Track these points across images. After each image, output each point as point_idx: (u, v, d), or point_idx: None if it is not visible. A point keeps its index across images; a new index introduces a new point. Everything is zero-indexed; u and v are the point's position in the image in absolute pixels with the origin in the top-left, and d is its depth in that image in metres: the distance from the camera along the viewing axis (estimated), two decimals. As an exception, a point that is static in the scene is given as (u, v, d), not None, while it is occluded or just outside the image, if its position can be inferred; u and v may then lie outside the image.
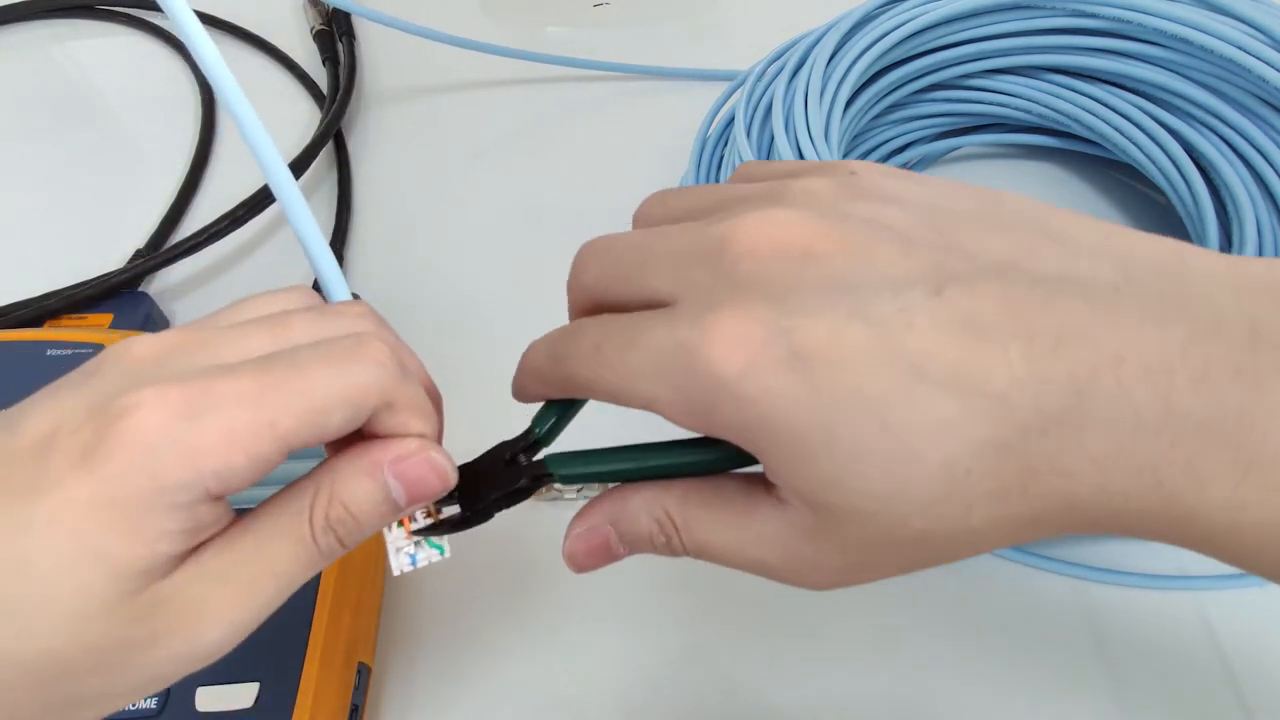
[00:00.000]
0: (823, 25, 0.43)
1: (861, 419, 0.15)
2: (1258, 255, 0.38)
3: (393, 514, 0.18)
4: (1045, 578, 0.36)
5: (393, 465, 0.18)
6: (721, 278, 0.16)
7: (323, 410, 0.16)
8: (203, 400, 0.15)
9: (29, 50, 0.61)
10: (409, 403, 0.18)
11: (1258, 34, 0.38)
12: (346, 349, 0.17)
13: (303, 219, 0.21)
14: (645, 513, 0.19)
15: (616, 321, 0.18)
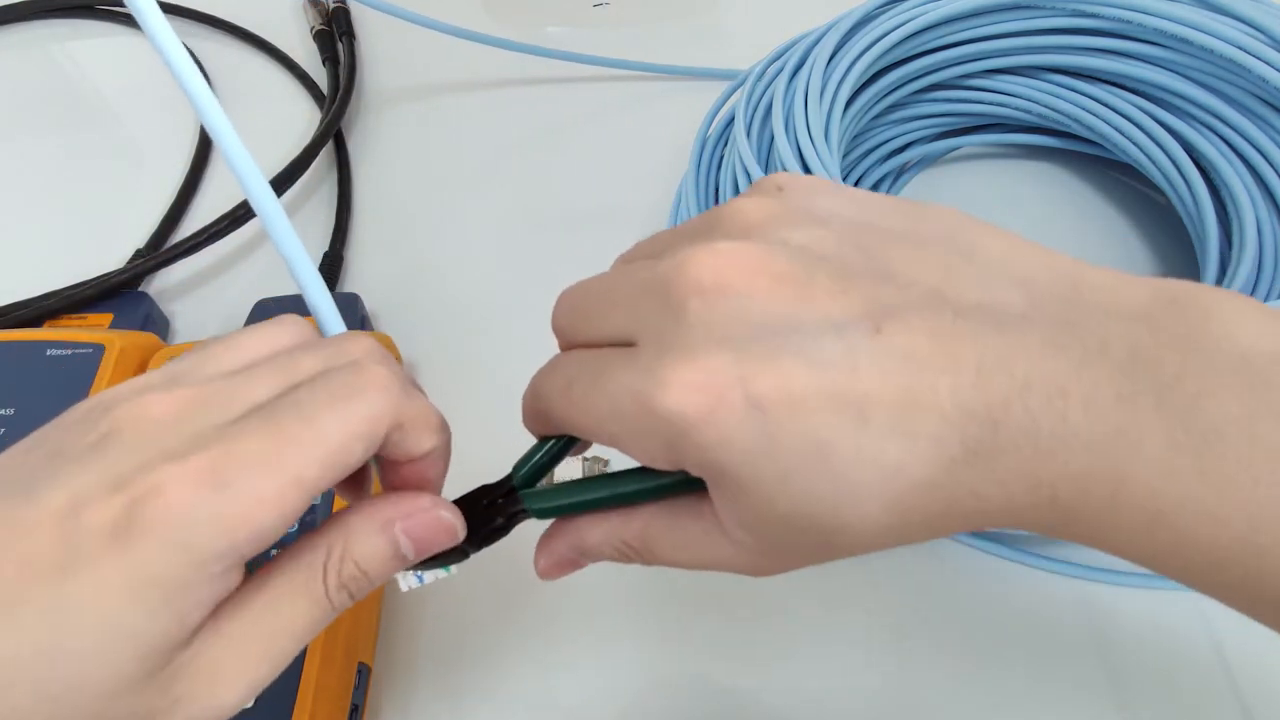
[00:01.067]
0: (823, 25, 0.43)
1: (814, 466, 0.16)
2: (1257, 255, 0.38)
3: (400, 567, 0.19)
4: (1045, 578, 0.36)
5: (404, 523, 0.18)
6: (671, 318, 0.17)
7: (342, 452, 0.16)
8: (227, 468, 0.15)
9: (29, 50, 0.61)
10: (417, 418, 0.18)
11: (1258, 34, 0.38)
12: (348, 383, 0.17)
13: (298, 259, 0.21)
14: (607, 544, 0.21)
15: (586, 361, 0.19)
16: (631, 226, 0.49)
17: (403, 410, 0.17)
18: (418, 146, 0.54)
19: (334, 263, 0.46)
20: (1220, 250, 0.41)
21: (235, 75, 0.59)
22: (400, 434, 0.18)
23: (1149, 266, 0.46)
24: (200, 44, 0.60)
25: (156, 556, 0.15)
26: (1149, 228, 0.48)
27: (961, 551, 0.37)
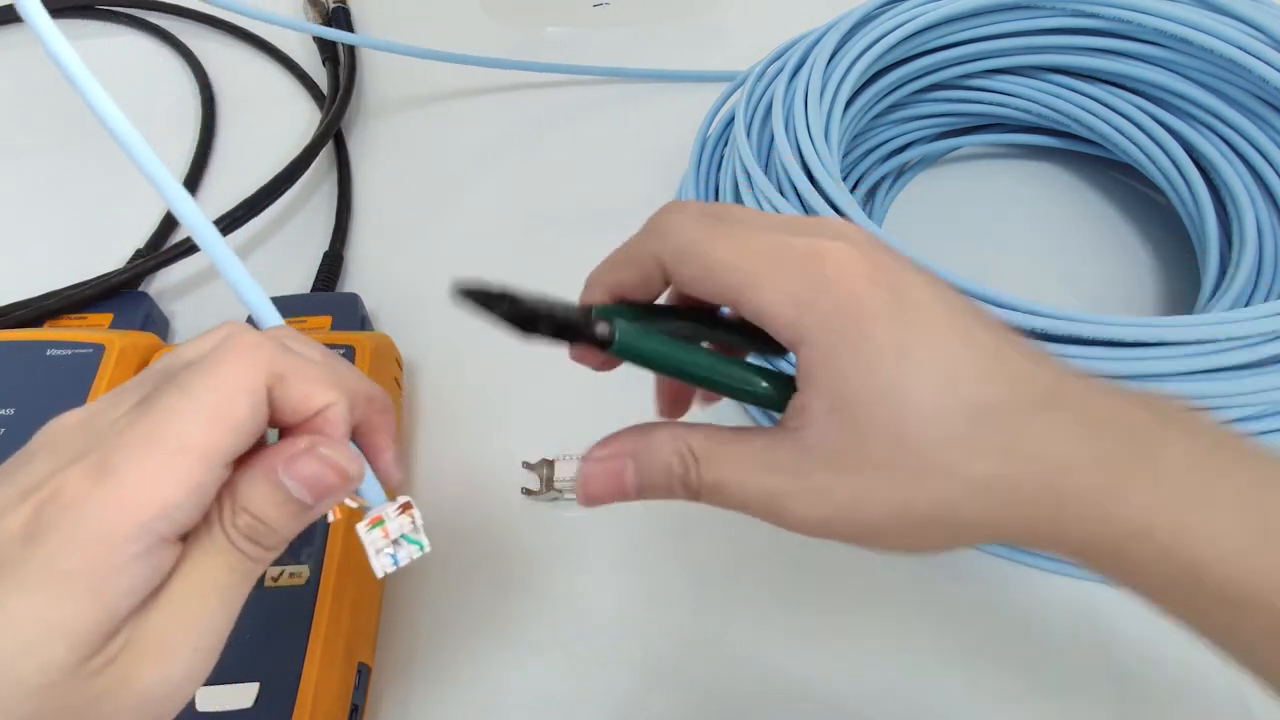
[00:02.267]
0: (823, 25, 0.43)
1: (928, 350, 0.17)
2: (1257, 255, 0.38)
3: (304, 512, 0.18)
4: (1046, 578, 0.36)
5: (285, 466, 0.18)
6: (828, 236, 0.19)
7: (223, 410, 0.16)
8: (114, 454, 0.16)
9: (29, 50, 0.61)
10: (301, 370, 0.18)
11: (1258, 34, 0.38)
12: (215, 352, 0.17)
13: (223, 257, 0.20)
14: (669, 445, 0.19)
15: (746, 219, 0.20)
16: (632, 227, 0.48)
17: (277, 363, 0.17)
18: (418, 146, 0.54)
19: (334, 263, 0.46)
20: (1220, 250, 0.41)
21: (235, 75, 0.59)
22: (284, 388, 0.18)
23: (1149, 266, 0.46)
24: (200, 44, 0.60)
25: (69, 550, 0.15)
26: (1149, 228, 0.47)
27: (960, 550, 0.37)
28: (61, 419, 0.18)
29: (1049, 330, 0.29)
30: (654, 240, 0.21)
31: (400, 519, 0.21)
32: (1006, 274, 0.45)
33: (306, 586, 0.31)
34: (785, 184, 0.37)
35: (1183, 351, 0.29)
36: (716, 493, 0.19)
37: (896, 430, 0.17)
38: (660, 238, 0.21)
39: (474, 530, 0.38)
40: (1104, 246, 0.47)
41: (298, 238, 0.49)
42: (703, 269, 0.19)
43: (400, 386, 0.40)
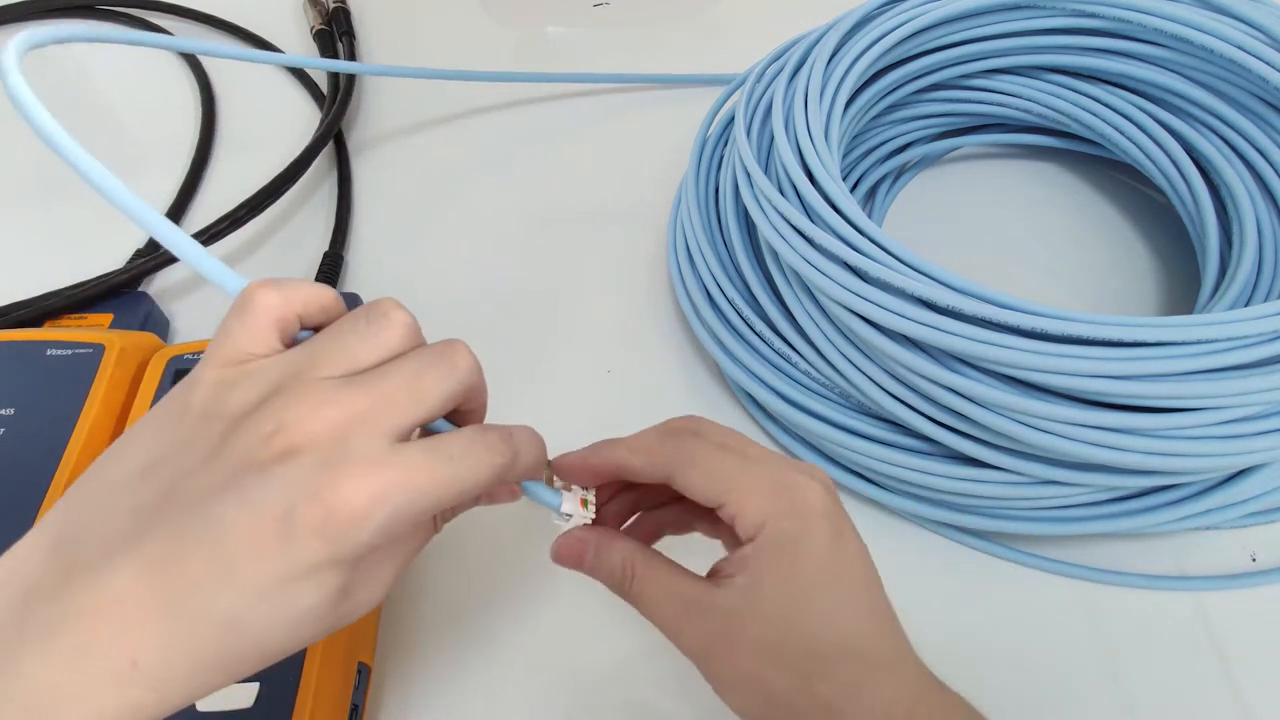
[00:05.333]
0: (823, 25, 0.43)
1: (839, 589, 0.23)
2: (1257, 255, 0.38)
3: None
4: (1046, 578, 0.36)
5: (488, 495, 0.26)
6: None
7: (464, 497, 0.21)
8: (398, 493, 0.19)
9: (29, 50, 0.61)
10: (519, 477, 0.24)
11: (1258, 34, 0.38)
12: (484, 453, 0.21)
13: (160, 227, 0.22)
14: (621, 553, 0.25)
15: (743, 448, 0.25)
16: (631, 227, 0.49)
17: (508, 476, 0.22)
18: (418, 146, 0.54)
19: (334, 263, 0.46)
20: (1220, 250, 0.41)
21: (235, 75, 0.59)
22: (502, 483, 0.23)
23: (1149, 266, 0.46)
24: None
25: (343, 551, 0.19)
26: (1149, 228, 0.48)
27: (961, 551, 0.37)
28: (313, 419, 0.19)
29: (1049, 330, 0.29)
30: (673, 450, 0.25)
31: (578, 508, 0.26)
32: (1006, 274, 0.45)
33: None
34: (785, 184, 0.37)
35: (1183, 351, 0.29)
36: (638, 600, 0.25)
37: (789, 635, 0.22)
38: (676, 459, 0.24)
39: (474, 530, 0.38)
40: (1104, 246, 0.47)
41: (298, 238, 0.49)
42: (708, 479, 0.24)
43: (400, 386, 0.40)
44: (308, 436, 0.19)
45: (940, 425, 0.33)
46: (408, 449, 0.20)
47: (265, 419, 0.19)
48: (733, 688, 0.23)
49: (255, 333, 0.21)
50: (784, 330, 0.38)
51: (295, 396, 0.19)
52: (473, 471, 0.20)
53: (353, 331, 0.21)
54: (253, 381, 0.20)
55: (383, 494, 0.19)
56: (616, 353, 0.43)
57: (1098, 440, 0.30)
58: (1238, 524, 0.36)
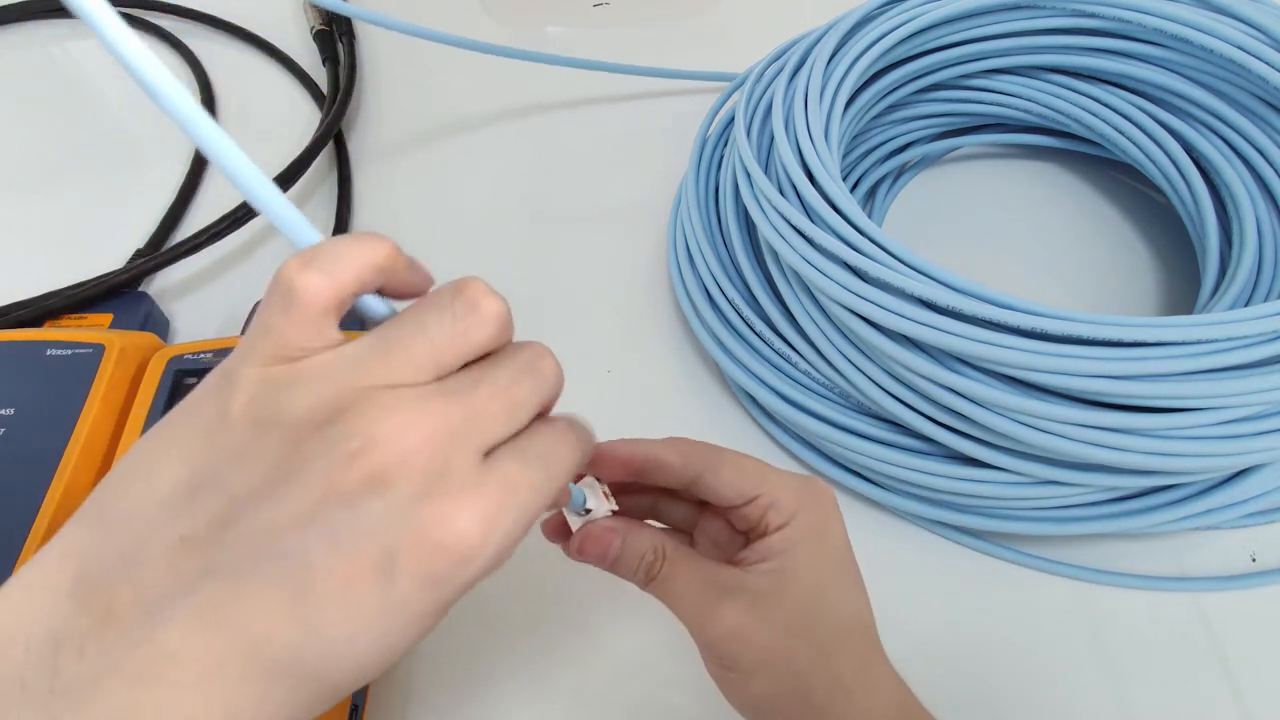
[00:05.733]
0: (823, 25, 0.43)
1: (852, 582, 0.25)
2: (1257, 255, 0.38)
3: None
4: (1046, 579, 0.36)
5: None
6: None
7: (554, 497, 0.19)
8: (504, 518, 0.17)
9: (29, 50, 0.61)
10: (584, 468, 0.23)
11: (1258, 34, 0.38)
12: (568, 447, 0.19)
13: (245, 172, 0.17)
14: (652, 538, 0.25)
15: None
16: (632, 226, 0.49)
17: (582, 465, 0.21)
18: (418, 146, 0.54)
19: (334, 263, 0.46)
20: (1220, 250, 0.41)
21: (235, 75, 0.59)
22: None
23: (1149, 266, 0.46)
24: (200, 44, 0.60)
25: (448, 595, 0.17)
26: (1149, 228, 0.48)
27: (961, 551, 0.37)
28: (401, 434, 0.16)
29: (1049, 330, 0.29)
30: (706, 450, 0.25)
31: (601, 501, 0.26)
32: (1006, 274, 0.45)
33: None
34: (785, 184, 0.37)
35: (1183, 351, 0.29)
36: (665, 585, 0.25)
37: (815, 613, 0.23)
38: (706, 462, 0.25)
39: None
40: (1104, 246, 0.47)
41: (298, 238, 0.49)
42: (741, 475, 0.25)
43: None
44: (401, 457, 0.16)
45: (940, 425, 0.33)
46: (501, 462, 0.17)
47: (346, 434, 0.16)
48: (755, 670, 0.23)
49: (305, 326, 0.17)
50: (784, 330, 0.38)
51: (379, 408, 0.16)
52: (561, 470, 0.19)
53: (438, 323, 0.18)
54: (314, 384, 0.16)
55: (493, 520, 0.16)
56: (616, 353, 0.43)
57: (1098, 440, 0.30)
58: (1238, 524, 0.36)
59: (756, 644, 0.23)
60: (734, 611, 0.23)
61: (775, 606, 0.23)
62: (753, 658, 0.23)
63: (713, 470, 0.25)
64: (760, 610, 0.23)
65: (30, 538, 0.31)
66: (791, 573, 0.24)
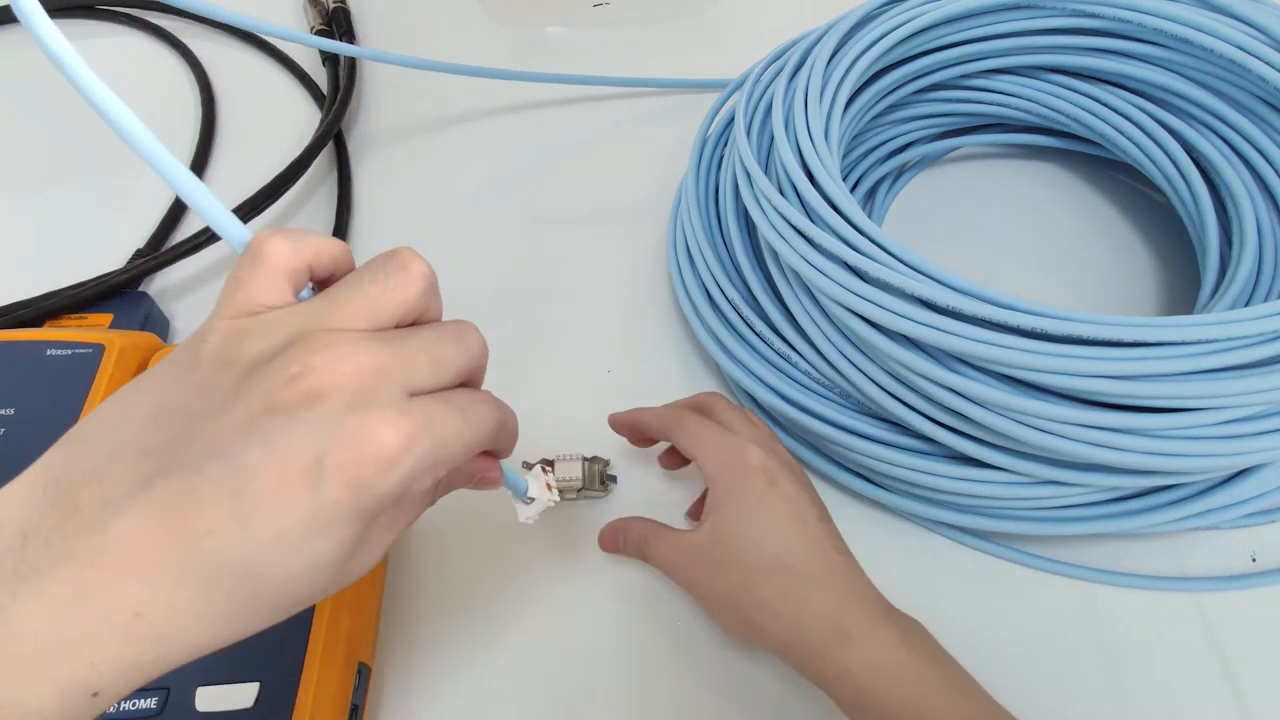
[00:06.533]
0: (823, 25, 0.43)
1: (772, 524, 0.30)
2: (1257, 255, 0.38)
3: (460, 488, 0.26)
4: (1046, 578, 0.36)
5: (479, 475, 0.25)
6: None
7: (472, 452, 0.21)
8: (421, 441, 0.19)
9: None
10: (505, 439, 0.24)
11: (1258, 34, 0.38)
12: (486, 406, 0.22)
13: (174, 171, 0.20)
14: (638, 529, 0.33)
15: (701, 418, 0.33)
16: (632, 227, 0.49)
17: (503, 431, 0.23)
18: (418, 147, 0.54)
19: (334, 263, 0.46)
20: (1220, 250, 0.41)
21: (235, 75, 0.59)
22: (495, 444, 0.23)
23: (1149, 266, 0.46)
24: (200, 44, 0.60)
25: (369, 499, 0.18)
26: (1149, 228, 0.48)
27: (962, 552, 0.37)
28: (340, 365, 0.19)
29: (1049, 330, 0.29)
30: (672, 417, 0.33)
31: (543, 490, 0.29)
32: (1006, 274, 0.45)
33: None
34: (785, 184, 0.37)
35: (1183, 351, 0.29)
36: (654, 556, 0.32)
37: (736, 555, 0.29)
38: (676, 425, 0.33)
39: (474, 530, 0.38)
40: (1104, 246, 0.47)
41: (298, 238, 0.49)
42: (689, 442, 0.32)
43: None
44: (334, 381, 0.18)
45: (940, 425, 0.33)
46: (425, 399, 0.20)
47: (289, 361, 0.18)
48: (710, 602, 0.31)
49: (267, 282, 0.20)
50: (784, 330, 0.38)
51: (320, 342, 0.19)
52: (480, 422, 0.21)
53: (373, 281, 0.20)
54: (269, 330, 0.19)
55: (412, 439, 0.19)
56: (616, 353, 0.43)
57: (1098, 440, 0.30)
58: (1238, 524, 0.36)
59: (703, 584, 0.31)
60: (687, 565, 0.31)
61: (708, 555, 0.30)
62: (703, 594, 0.31)
63: (674, 435, 0.33)
64: (701, 560, 0.30)
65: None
66: (717, 527, 0.30)
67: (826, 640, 0.28)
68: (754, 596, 0.29)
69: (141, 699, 0.28)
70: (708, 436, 0.31)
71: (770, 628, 0.29)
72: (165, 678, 0.28)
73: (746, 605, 0.29)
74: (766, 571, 0.29)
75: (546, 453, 0.38)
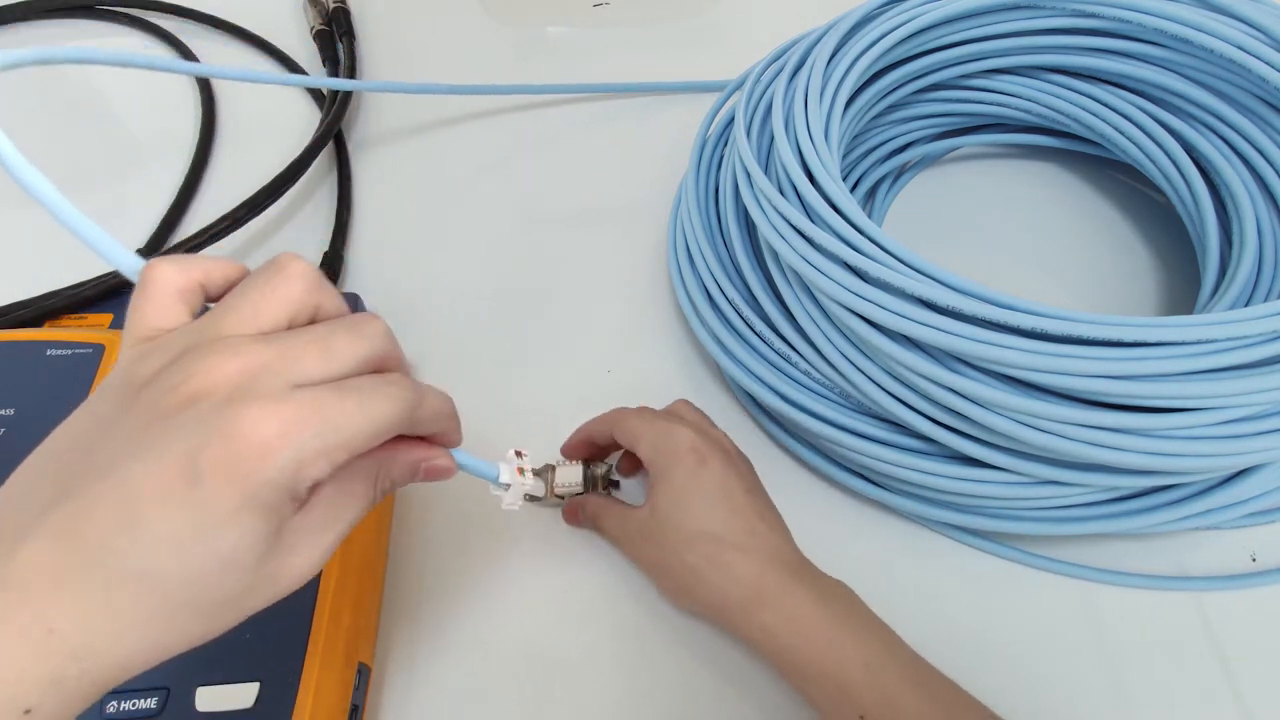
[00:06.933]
0: (823, 25, 0.43)
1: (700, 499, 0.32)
2: (1257, 255, 0.38)
3: (410, 483, 0.25)
4: (1046, 578, 0.36)
5: (425, 465, 0.25)
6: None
7: (378, 436, 0.21)
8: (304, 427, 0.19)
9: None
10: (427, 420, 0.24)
11: (1258, 34, 0.38)
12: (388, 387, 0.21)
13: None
14: (591, 505, 0.36)
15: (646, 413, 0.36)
16: (632, 227, 0.49)
17: (418, 413, 0.23)
18: (418, 147, 0.54)
19: (334, 263, 0.46)
20: (1220, 250, 0.41)
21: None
22: (417, 427, 0.23)
23: (1149, 266, 0.46)
24: (200, 44, 0.60)
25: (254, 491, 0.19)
26: (1149, 228, 0.48)
27: (962, 551, 0.37)
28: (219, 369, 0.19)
29: (1049, 330, 0.29)
30: (610, 418, 0.36)
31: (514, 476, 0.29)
32: (1006, 274, 0.45)
33: (307, 587, 0.30)
34: (785, 184, 0.37)
35: (1183, 351, 0.29)
36: (603, 530, 0.36)
37: (670, 527, 0.32)
38: (613, 423, 0.35)
39: (474, 531, 0.38)
40: (1104, 246, 0.47)
41: (298, 238, 0.49)
42: (625, 434, 0.35)
43: (400, 386, 0.40)
44: (212, 382, 0.19)
45: (940, 425, 0.33)
46: (313, 387, 0.20)
47: (173, 373, 0.19)
48: (651, 569, 0.35)
49: (159, 306, 0.21)
50: (784, 330, 0.38)
51: (204, 350, 0.20)
52: (381, 405, 0.21)
53: (254, 288, 0.21)
54: (162, 350, 0.20)
55: (288, 427, 0.19)
56: (616, 353, 0.43)
57: (1098, 440, 0.30)
58: (1238, 524, 0.36)
59: (645, 554, 0.34)
60: (631, 538, 0.34)
61: (649, 528, 0.33)
62: (645, 562, 0.35)
63: (614, 433, 0.35)
64: (644, 532, 0.33)
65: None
66: (655, 503, 0.33)
67: (747, 598, 0.30)
68: (684, 562, 0.31)
69: (141, 699, 0.28)
70: (642, 425, 0.34)
71: (699, 591, 0.31)
72: (165, 678, 0.29)
73: (679, 570, 0.32)
74: (695, 540, 0.31)
75: (548, 453, 0.38)
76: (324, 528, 0.21)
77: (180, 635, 0.19)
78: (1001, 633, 0.35)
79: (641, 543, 0.34)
